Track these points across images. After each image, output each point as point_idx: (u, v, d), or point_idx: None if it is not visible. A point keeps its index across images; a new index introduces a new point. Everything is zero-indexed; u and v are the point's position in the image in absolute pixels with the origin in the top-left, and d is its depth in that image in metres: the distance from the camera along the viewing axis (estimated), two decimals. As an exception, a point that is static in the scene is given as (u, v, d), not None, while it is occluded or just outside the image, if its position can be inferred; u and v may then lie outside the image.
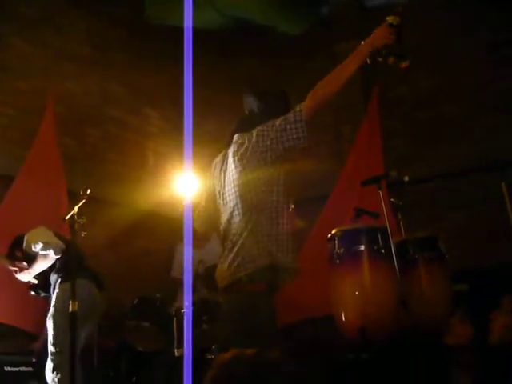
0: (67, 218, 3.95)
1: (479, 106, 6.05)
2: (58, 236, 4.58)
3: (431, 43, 6.36)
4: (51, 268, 4.61)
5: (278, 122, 3.07)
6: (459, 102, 6.16)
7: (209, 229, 3.44)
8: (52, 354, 4.33)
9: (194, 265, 5.19)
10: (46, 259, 4.50)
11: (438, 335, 3.74)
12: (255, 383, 1.79)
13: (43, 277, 4.67)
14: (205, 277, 5.14)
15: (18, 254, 4.70)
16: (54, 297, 4.52)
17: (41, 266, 4.56)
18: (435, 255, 3.98)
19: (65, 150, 5.91)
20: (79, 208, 3.98)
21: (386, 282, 3.61)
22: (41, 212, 5.27)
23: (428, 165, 6.06)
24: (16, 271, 4.70)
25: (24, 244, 4.58)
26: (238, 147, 3.16)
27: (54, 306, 4.45)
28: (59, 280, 4.53)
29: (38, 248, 4.47)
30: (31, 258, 4.59)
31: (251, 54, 7.20)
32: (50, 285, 4.64)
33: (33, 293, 4.78)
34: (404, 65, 2.97)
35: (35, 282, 4.72)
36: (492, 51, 6.06)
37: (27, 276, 4.68)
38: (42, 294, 4.76)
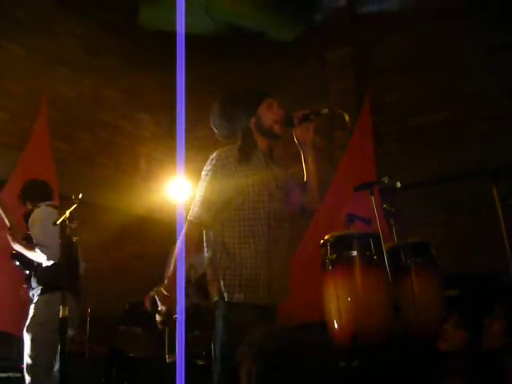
0: (58, 222, 3.91)
1: (473, 112, 6.07)
2: (63, 237, 4.11)
3: (425, 50, 6.39)
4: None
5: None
6: (453, 108, 6.18)
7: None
8: (28, 366, 4.13)
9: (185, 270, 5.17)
10: (36, 256, 4.25)
11: (431, 341, 3.73)
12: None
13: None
14: (196, 284, 5.14)
15: (28, 205, 4.52)
16: (32, 307, 4.28)
17: (30, 255, 4.29)
18: (427, 261, 3.98)
19: (57, 154, 5.89)
20: (71, 212, 3.94)
21: (378, 288, 3.61)
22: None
23: (421, 171, 6.07)
24: (8, 231, 4.44)
25: (30, 219, 4.34)
26: None
27: (34, 317, 4.22)
28: (39, 291, 4.27)
29: (37, 241, 4.24)
30: (29, 238, 4.34)
31: (243, 59, 7.21)
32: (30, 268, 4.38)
33: (15, 261, 4.47)
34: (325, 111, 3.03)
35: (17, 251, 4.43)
36: (486, 58, 6.08)
37: (13, 244, 4.40)
38: (18, 264, 4.47)
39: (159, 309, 2.86)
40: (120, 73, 7.09)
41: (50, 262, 4.22)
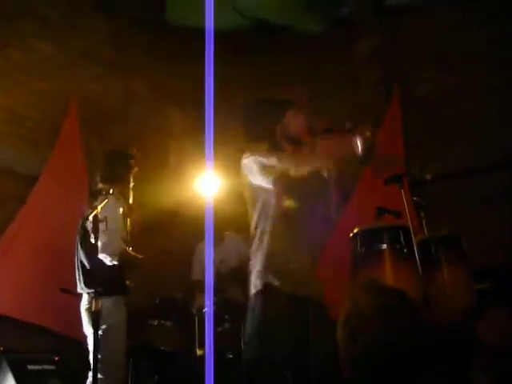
0: (90, 217, 3.92)
1: (501, 103, 5.97)
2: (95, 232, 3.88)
3: (453, 41, 6.31)
4: None
5: None
6: (481, 99, 6.09)
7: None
8: None
9: (215, 264, 5.21)
10: None
11: (461, 334, 3.70)
12: None
13: None
14: (229, 278, 5.17)
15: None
16: None
17: None
18: (458, 254, 3.94)
19: (87, 149, 5.96)
20: (102, 207, 3.96)
21: (408, 281, 3.58)
22: (63, 211, 5.29)
23: (450, 163, 6.00)
24: None
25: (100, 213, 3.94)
26: None
27: None
28: None
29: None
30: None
31: (272, 53, 7.19)
32: None
33: None
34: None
35: None
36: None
37: None
38: None
39: None
40: (149, 68, 7.12)
41: None
